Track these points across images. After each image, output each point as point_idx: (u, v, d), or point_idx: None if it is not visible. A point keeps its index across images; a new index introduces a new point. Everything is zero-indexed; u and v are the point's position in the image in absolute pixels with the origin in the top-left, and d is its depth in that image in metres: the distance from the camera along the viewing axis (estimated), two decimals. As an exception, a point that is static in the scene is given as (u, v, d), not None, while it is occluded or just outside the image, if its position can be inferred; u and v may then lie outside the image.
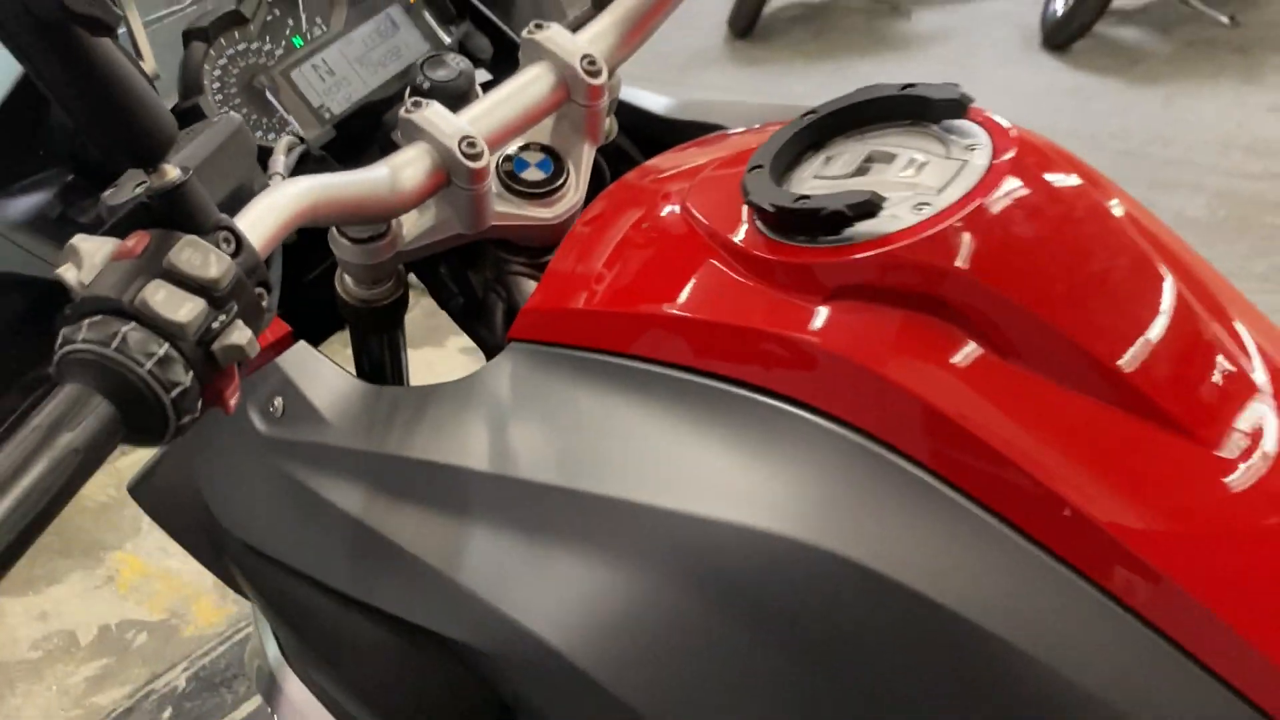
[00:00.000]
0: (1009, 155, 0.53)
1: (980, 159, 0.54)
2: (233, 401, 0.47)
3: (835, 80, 4.44)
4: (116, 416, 0.43)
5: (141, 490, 0.76)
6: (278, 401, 0.67)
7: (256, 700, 1.84)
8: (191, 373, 0.44)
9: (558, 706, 0.58)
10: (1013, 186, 0.52)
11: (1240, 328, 0.54)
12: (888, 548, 0.49)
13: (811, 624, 0.51)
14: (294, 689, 0.71)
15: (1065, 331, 0.50)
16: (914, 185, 0.54)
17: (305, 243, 0.78)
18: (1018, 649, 0.47)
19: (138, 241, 0.46)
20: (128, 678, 1.88)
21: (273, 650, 0.74)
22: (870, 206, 0.51)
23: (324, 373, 0.67)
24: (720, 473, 0.53)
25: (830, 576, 0.50)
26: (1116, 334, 0.50)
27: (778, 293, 0.54)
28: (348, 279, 0.71)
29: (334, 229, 0.67)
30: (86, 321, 0.43)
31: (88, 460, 0.42)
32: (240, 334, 0.46)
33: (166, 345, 0.44)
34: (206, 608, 2.03)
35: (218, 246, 0.47)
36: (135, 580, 2.11)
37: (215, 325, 0.46)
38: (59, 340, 0.44)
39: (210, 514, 0.70)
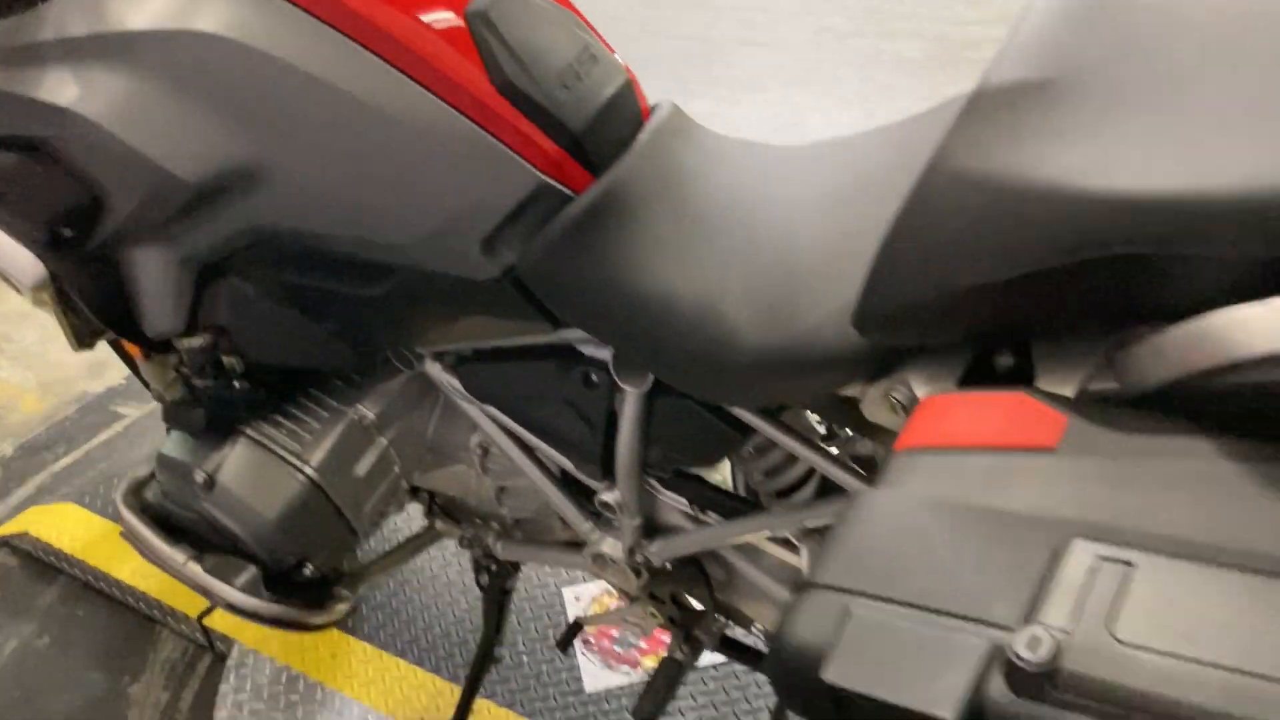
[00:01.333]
0: None
1: None
2: None
3: (621, -35, 4.78)
4: None
5: None
6: None
7: (70, 459, 2.22)
8: None
9: (109, 170, 0.99)
10: None
11: None
12: (277, 37, 0.91)
13: (247, 92, 0.92)
14: None
15: None
16: None
17: None
18: (339, 87, 0.91)
19: None
20: (-37, 453, 2.26)
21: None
22: None
23: None
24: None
25: (251, 56, 0.90)
26: None
27: None
28: None
29: None
30: None
31: None
32: None
33: None
34: (31, 401, 2.39)
35: None
36: (-33, 387, 2.47)
37: None
38: None
39: None
